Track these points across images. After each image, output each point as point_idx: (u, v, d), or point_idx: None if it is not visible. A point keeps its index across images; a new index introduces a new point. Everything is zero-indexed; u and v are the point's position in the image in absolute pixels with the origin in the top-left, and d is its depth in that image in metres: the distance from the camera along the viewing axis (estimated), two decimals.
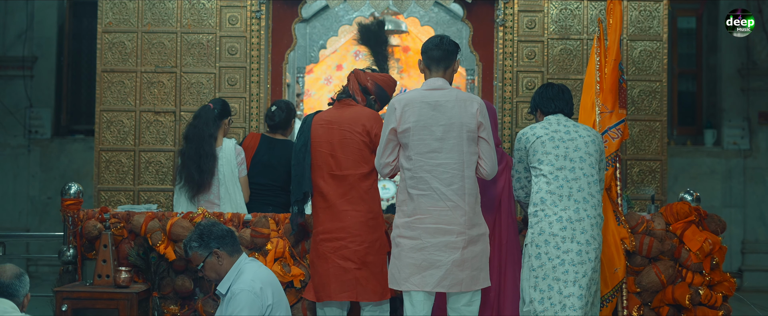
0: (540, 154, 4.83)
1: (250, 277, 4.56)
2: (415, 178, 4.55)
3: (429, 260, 4.51)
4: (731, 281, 5.64)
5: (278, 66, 7.05)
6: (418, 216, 4.54)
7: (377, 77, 5.26)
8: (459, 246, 4.51)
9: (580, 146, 4.84)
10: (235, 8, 6.86)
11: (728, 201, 10.35)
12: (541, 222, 4.75)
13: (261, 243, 5.42)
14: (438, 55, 4.72)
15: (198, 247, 4.61)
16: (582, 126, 5.00)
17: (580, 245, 4.72)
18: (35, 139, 10.43)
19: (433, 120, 4.54)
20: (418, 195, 4.54)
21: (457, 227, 4.52)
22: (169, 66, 6.86)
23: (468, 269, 4.54)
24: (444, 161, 4.54)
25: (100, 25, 6.87)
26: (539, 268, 4.71)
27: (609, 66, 5.53)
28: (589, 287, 4.72)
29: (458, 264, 4.51)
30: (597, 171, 4.87)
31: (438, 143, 4.54)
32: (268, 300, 4.57)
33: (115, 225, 5.53)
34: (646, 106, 6.85)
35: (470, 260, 4.54)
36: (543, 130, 4.89)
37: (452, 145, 4.54)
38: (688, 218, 5.56)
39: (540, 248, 4.73)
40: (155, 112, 6.85)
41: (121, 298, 5.27)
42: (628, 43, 6.82)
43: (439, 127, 4.54)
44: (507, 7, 6.84)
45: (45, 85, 10.47)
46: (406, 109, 4.58)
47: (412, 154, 4.55)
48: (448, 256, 4.50)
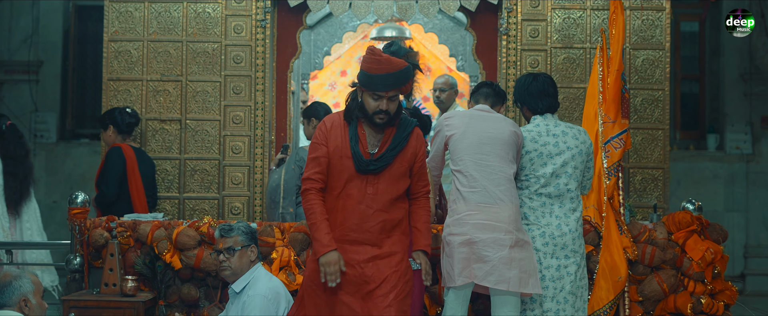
0: (527, 171, 4.92)
1: (265, 284, 4.69)
2: (467, 176, 4.75)
3: (477, 254, 4.66)
4: (733, 289, 5.67)
5: (283, 74, 7.10)
6: (469, 212, 4.70)
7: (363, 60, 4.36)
8: (506, 244, 4.66)
9: (567, 161, 4.92)
10: (240, 17, 6.91)
11: (731, 205, 10.38)
12: None
13: (266, 252, 5.47)
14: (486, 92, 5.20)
15: (243, 234, 4.79)
16: (571, 132, 5.03)
17: (559, 260, 4.86)
18: (40, 143, 10.48)
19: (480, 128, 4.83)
20: (469, 192, 4.72)
21: (505, 225, 4.69)
22: (174, 74, 6.91)
23: (516, 269, 4.66)
24: (492, 163, 4.76)
25: (107, 33, 6.93)
26: None
27: (612, 76, 5.57)
28: (567, 301, 4.87)
29: (506, 262, 4.64)
30: (580, 182, 5.01)
31: (487, 147, 4.80)
32: (281, 307, 4.68)
33: (122, 234, 5.58)
34: (648, 114, 6.88)
35: (518, 261, 4.67)
36: (532, 145, 4.93)
37: (497, 152, 4.79)
38: (690, 228, 5.59)
39: None
40: (161, 120, 6.91)
41: (128, 306, 5.31)
42: (630, 51, 6.86)
43: (486, 135, 4.82)
44: (510, 16, 6.88)
45: (50, 89, 10.52)
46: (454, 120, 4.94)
47: (464, 155, 4.78)
48: (496, 252, 4.65)
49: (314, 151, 4.26)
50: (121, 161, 6.42)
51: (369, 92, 4.22)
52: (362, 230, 4.23)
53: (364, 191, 4.23)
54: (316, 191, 4.23)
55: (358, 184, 4.23)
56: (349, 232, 4.23)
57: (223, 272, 4.75)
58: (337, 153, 4.25)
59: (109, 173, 6.41)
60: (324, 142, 4.25)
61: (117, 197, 6.39)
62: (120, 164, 6.41)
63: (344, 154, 4.24)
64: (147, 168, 6.64)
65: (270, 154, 6.96)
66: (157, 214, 6.07)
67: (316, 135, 4.30)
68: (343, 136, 4.27)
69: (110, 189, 6.37)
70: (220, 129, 6.90)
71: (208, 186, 6.90)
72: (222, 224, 4.90)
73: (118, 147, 6.48)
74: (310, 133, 6.29)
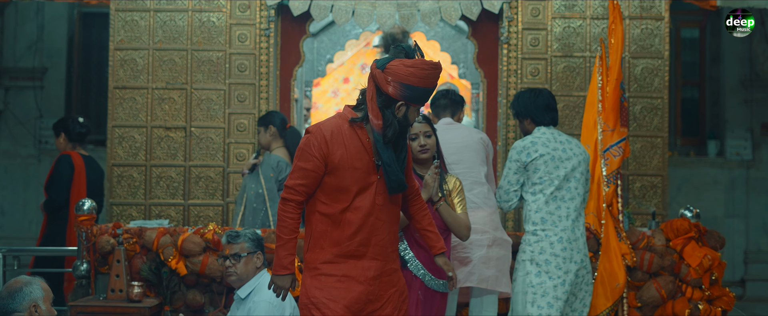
0: (542, 173, 4.94)
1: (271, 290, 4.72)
2: None
3: (458, 257, 4.79)
4: (730, 295, 5.74)
5: (287, 82, 7.17)
6: None
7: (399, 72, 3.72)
8: (484, 244, 4.82)
9: (575, 166, 4.99)
10: (244, 26, 6.99)
11: (731, 211, 10.41)
12: (541, 242, 4.89)
13: (271, 258, 5.53)
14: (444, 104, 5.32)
15: (250, 241, 4.82)
16: (573, 141, 5.12)
17: (577, 264, 4.91)
18: (45, 150, 10.52)
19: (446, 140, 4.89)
20: None
21: (482, 226, 4.84)
22: (179, 83, 6.99)
23: (493, 268, 4.82)
24: (462, 170, 4.92)
25: (112, 42, 7.01)
26: (539, 285, 4.85)
27: (611, 85, 5.63)
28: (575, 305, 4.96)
29: (484, 261, 4.80)
30: (587, 190, 5.08)
31: (456, 156, 4.96)
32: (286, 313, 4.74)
33: (128, 240, 5.65)
34: (647, 122, 6.95)
35: (495, 260, 4.83)
36: (544, 148, 4.97)
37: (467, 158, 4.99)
38: (688, 235, 5.66)
39: (541, 267, 4.86)
40: (166, 127, 6.98)
41: (134, 312, 5.39)
42: (630, 60, 6.93)
43: (453, 146, 4.97)
44: (511, 25, 6.95)
45: (55, 95, 10.55)
46: None
47: None
48: (475, 252, 4.80)
49: (304, 161, 3.78)
50: (70, 168, 6.71)
51: (415, 106, 3.78)
52: (371, 243, 3.85)
53: (373, 202, 3.84)
54: (296, 204, 3.81)
55: (369, 195, 3.84)
56: (359, 247, 3.83)
57: (229, 277, 4.80)
58: (342, 165, 3.80)
59: (58, 180, 6.69)
60: (318, 155, 3.77)
61: (65, 202, 6.66)
62: (68, 171, 6.70)
63: (352, 166, 3.80)
64: (94, 176, 6.93)
65: None
66: (162, 221, 6.14)
67: (309, 144, 3.79)
68: (352, 146, 3.81)
69: (59, 195, 6.67)
70: (224, 136, 6.98)
71: (212, 193, 6.98)
72: (229, 230, 4.95)
73: (68, 154, 6.78)
74: (266, 140, 6.39)
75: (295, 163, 3.83)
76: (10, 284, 4.05)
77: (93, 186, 6.86)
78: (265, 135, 6.38)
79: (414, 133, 4.46)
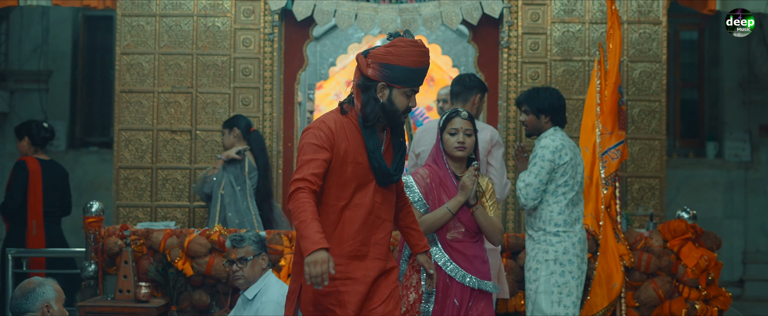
0: (567, 178, 5.01)
1: (277, 290, 4.81)
2: None
3: None
4: (727, 295, 5.82)
5: (290, 86, 7.25)
6: None
7: (378, 52, 3.68)
8: None
9: (582, 171, 5.12)
10: (249, 31, 7.08)
11: (730, 212, 10.46)
12: (564, 242, 4.97)
13: (275, 259, 5.61)
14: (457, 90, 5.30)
15: (254, 243, 4.89)
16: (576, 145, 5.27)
17: (587, 264, 5.08)
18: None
19: None
20: None
21: None
22: (185, 86, 7.07)
23: None
24: None
25: (119, 46, 7.09)
26: (564, 285, 4.94)
27: (609, 89, 5.71)
28: None
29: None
30: None
31: None
32: None
33: (135, 242, 5.74)
34: (645, 125, 7.03)
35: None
36: (571, 152, 5.04)
37: None
38: (685, 236, 5.74)
39: (564, 267, 4.95)
40: (172, 131, 7.06)
41: (141, 312, 5.49)
42: (628, 64, 7.01)
43: None
44: (511, 29, 7.03)
45: (60, 98, 10.59)
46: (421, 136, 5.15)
47: None
48: None
49: (314, 153, 3.61)
50: (24, 173, 6.90)
51: (404, 89, 3.64)
52: (372, 242, 3.75)
53: (372, 199, 3.72)
54: (310, 191, 3.54)
55: (368, 192, 3.72)
56: (361, 246, 3.72)
57: (236, 281, 4.88)
58: (346, 158, 3.68)
59: (13, 185, 6.91)
60: (328, 146, 3.63)
61: (21, 206, 6.87)
62: (23, 177, 6.88)
63: (355, 160, 3.68)
64: (55, 180, 7.09)
65: (277, 164, 7.11)
66: (168, 222, 6.23)
67: (316, 135, 3.64)
68: (353, 139, 3.69)
69: (14, 200, 6.88)
70: None
71: None
72: (233, 234, 5.01)
73: (23, 161, 6.97)
74: (230, 142, 6.50)
75: (301, 157, 3.65)
76: (24, 284, 4.13)
77: (52, 190, 7.03)
78: (229, 137, 6.52)
79: (454, 129, 4.29)
